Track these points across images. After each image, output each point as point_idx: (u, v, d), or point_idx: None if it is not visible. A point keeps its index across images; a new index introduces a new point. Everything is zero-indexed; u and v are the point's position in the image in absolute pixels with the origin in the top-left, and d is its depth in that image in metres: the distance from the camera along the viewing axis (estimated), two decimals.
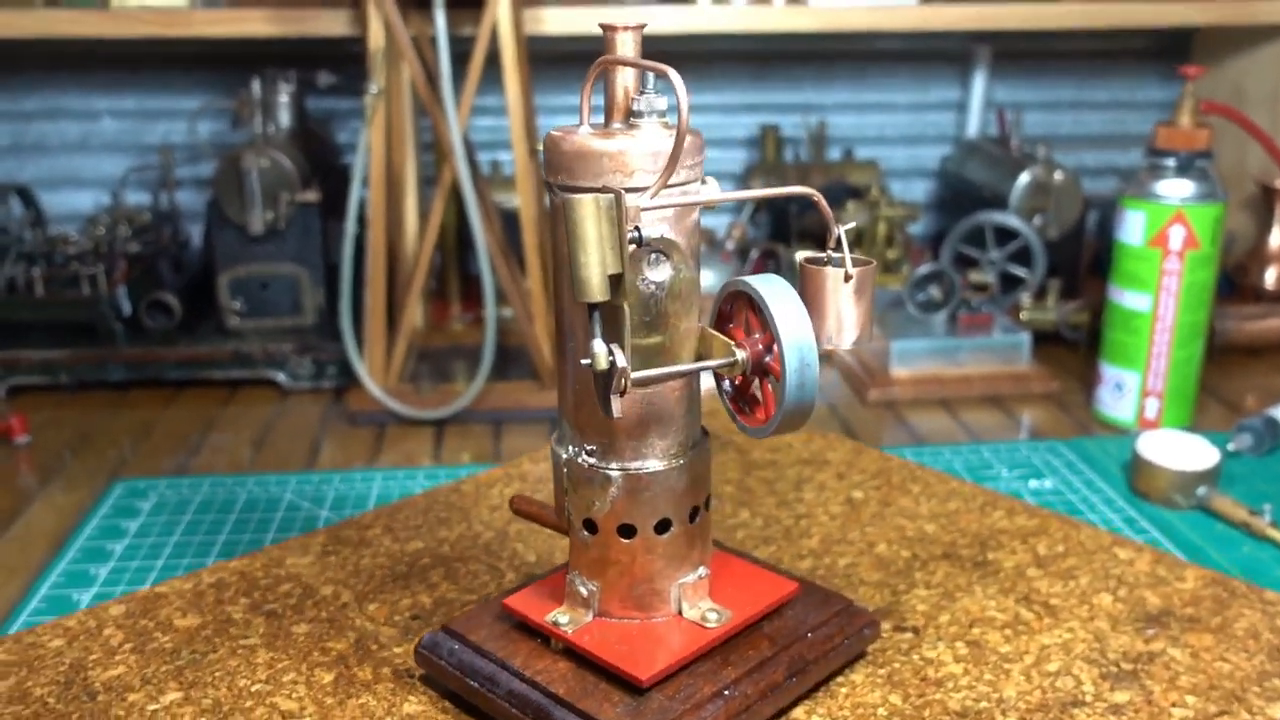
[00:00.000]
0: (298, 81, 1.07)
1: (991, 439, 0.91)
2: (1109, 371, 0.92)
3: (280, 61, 1.10)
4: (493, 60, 0.90)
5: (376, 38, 0.89)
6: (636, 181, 0.43)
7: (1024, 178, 1.11)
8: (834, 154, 1.31)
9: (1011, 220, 1.08)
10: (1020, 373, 1.01)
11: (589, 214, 0.41)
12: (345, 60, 1.14)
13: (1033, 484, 0.81)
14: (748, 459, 0.76)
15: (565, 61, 1.24)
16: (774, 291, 0.43)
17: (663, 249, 0.44)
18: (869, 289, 0.44)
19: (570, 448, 0.48)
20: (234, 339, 1.01)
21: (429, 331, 1.10)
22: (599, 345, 0.42)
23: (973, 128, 1.31)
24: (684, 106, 0.40)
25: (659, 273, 0.45)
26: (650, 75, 0.44)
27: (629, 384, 0.42)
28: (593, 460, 0.48)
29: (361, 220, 0.93)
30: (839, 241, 0.44)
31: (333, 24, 0.98)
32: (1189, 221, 0.85)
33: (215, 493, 0.79)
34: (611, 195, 0.41)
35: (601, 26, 0.44)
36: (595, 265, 0.41)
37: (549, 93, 1.24)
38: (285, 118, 1.05)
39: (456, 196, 0.99)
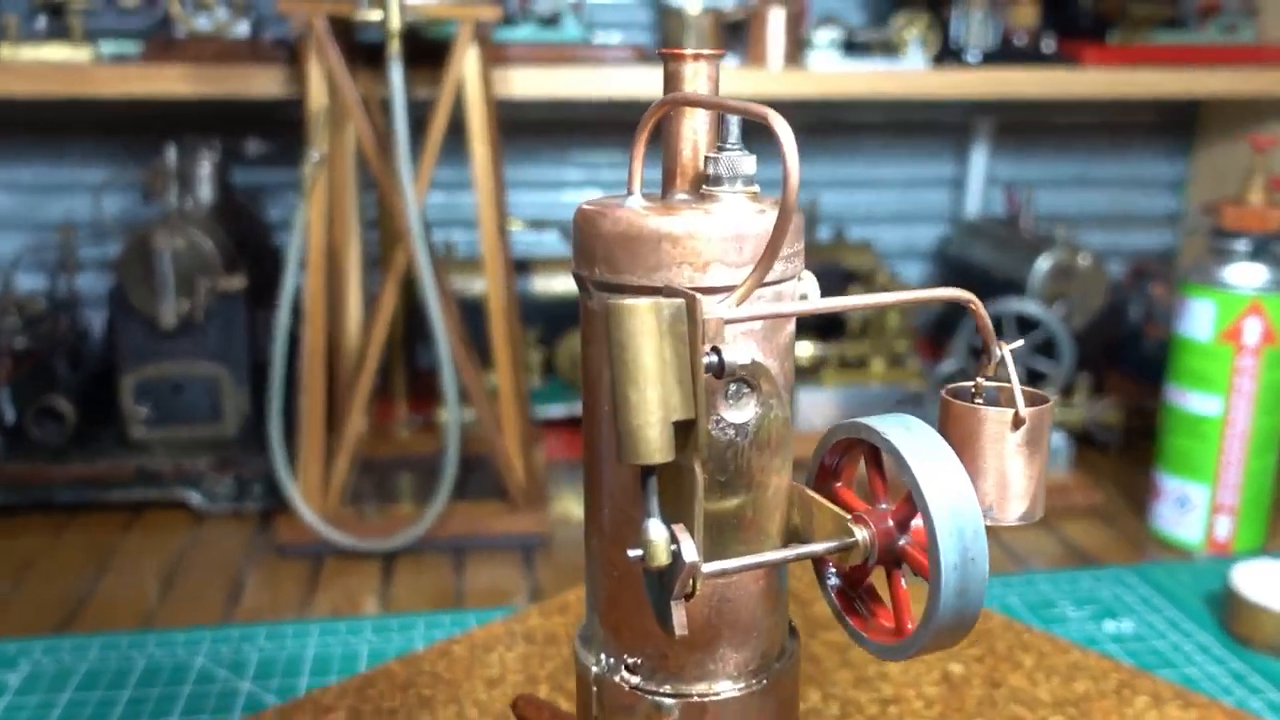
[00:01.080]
0: (222, 150, 0.92)
1: (1041, 565, 0.78)
2: (1170, 484, 0.80)
3: (201, 127, 0.96)
4: (452, 129, 0.77)
5: (318, 97, 0.75)
6: (711, 279, 0.29)
7: (1044, 261, 1.00)
8: (821, 233, 1.19)
9: (1034, 308, 0.96)
10: (1059, 482, 0.88)
11: (646, 329, 0.27)
12: (277, 126, 1.00)
13: (1109, 626, 0.67)
14: (809, 613, 0.61)
15: (530, 131, 1.12)
16: (919, 447, 0.29)
17: (747, 377, 0.31)
18: (1045, 439, 0.30)
19: (603, 657, 0.34)
20: (139, 453, 0.85)
21: (371, 439, 0.95)
22: (657, 530, 0.28)
23: (972, 206, 1.20)
24: (794, 167, 0.26)
25: (741, 412, 0.31)
26: (732, 125, 0.30)
27: (699, 584, 0.28)
28: (636, 679, 0.33)
29: (296, 311, 0.78)
30: (1001, 365, 0.30)
31: (265, 83, 0.84)
32: (1267, 313, 0.74)
33: (106, 658, 0.62)
34: (680, 301, 0.27)
35: (663, 55, 0.31)
36: (654, 409, 0.27)
37: (512, 164, 1.11)
38: (206, 191, 0.90)
39: (405, 282, 0.85)
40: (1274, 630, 0.64)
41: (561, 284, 1.07)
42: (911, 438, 0.29)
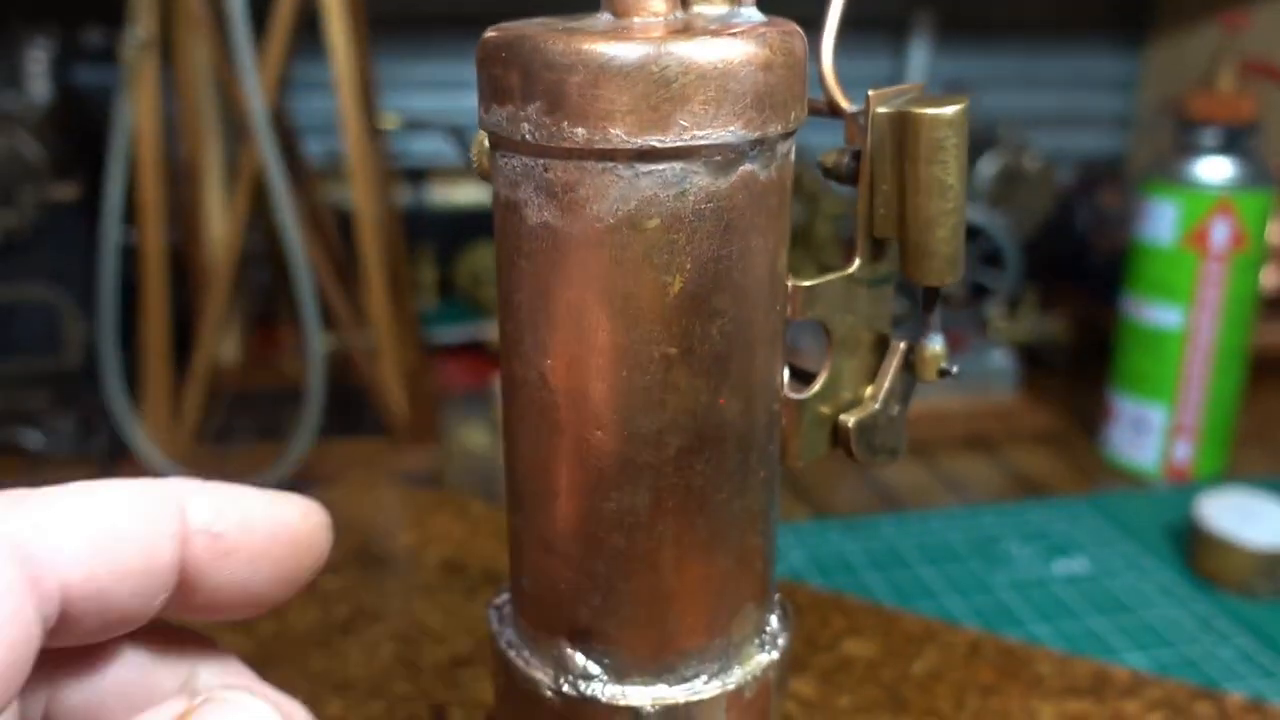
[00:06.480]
0: (61, 40, 0.80)
1: (985, 496, 0.71)
2: (1125, 404, 0.73)
3: (33, 15, 0.83)
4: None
5: None
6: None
7: (988, 164, 0.91)
8: None
9: (977, 215, 0.87)
10: (1004, 404, 0.81)
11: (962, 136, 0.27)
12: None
13: (1059, 566, 0.60)
14: None
15: (414, 25, 1.00)
16: None
17: None
18: None
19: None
20: None
21: (250, 368, 0.85)
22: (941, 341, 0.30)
23: None
24: None
25: None
26: None
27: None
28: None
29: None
30: None
31: None
32: (1237, 213, 0.66)
33: None
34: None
35: None
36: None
37: (395, 61, 1.00)
38: (39, 88, 0.78)
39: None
40: (1241, 567, 0.57)
41: (462, 194, 0.96)
42: None
